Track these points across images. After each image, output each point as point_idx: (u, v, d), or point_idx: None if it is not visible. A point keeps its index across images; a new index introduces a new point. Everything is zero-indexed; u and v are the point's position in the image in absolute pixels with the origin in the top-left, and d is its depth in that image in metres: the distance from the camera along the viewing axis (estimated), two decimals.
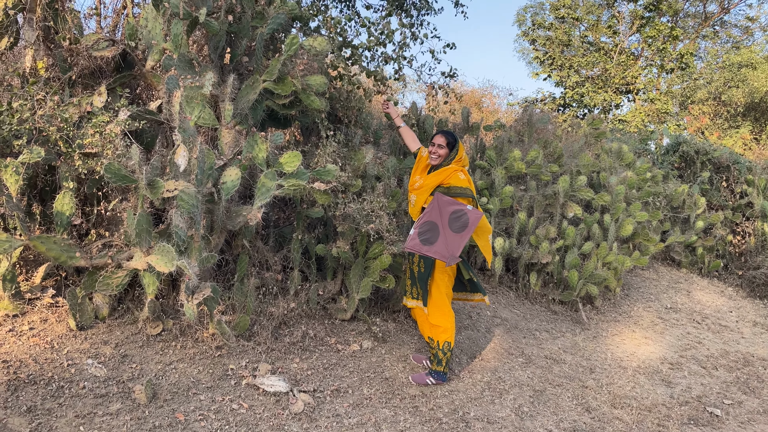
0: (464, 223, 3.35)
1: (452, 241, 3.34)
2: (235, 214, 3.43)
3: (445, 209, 3.38)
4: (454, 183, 3.55)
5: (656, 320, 5.80)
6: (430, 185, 3.63)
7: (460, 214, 3.35)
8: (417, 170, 3.92)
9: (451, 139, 3.69)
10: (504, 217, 5.82)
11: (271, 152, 3.50)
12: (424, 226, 3.39)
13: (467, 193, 3.53)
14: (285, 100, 3.72)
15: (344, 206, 3.96)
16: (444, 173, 3.61)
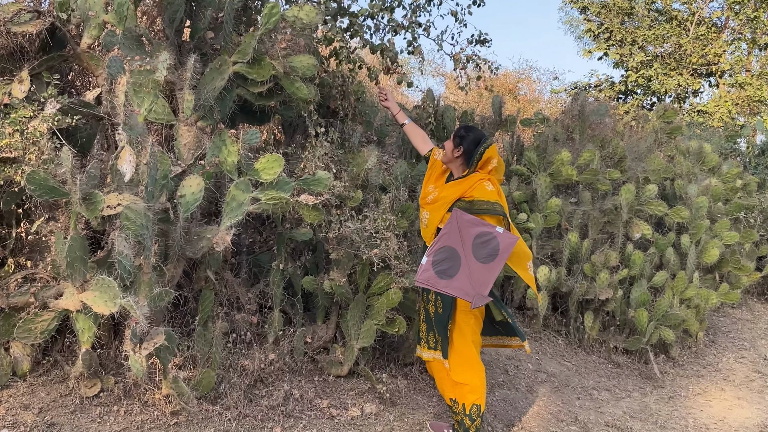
0: (493, 251, 3.33)
1: (478, 274, 3.32)
2: (196, 238, 3.42)
3: (468, 231, 3.37)
4: (479, 196, 3.55)
5: (752, 375, 5.74)
6: (447, 199, 3.63)
7: (487, 238, 3.34)
8: (430, 178, 3.92)
9: (461, 132, 3.71)
10: (549, 239, 5.81)
11: (244, 156, 3.51)
12: (441, 253, 3.37)
13: (496, 210, 3.52)
14: (262, 88, 3.74)
15: (340, 226, 3.96)
16: (465, 183, 3.61)
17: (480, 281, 3.31)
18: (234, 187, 3.36)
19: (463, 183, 3.64)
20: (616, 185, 6.21)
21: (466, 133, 3.71)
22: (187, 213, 3.25)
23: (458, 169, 3.78)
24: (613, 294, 5.50)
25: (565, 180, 5.75)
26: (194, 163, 3.54)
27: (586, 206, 5.82)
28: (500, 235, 3.35)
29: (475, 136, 3.71)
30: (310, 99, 3.91)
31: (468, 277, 3.32)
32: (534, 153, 5.84)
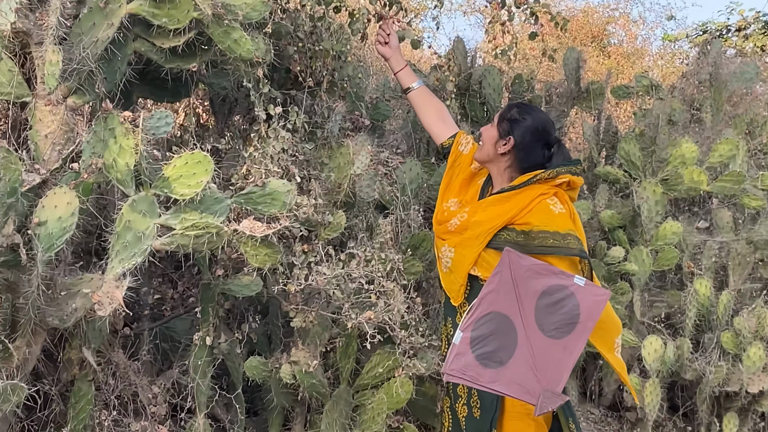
0: (570, 317, 3.32)
1: (546, 357, 3.31)
2: (65, 294, 3.42)
3: (528, 285, 3.36)
4: (540, 223, 3.56)
5: None
6: (485, 226, 3.64)
7: (560, 297, 3.34)
8: (451, 187, 3.94)
9: (512, 114, 3.72)
10: (662, 291, 5.80)
11: (147, 154, 3.51)
12: (485, 324, 3.36)
13: (570, 247, 3.52)
14: (176, 41, 3.75)
15: (308, 272, 3.96)
16: (517, 201, 3.62)
17: (550, 369, 3.30)
18: (129, 207, 3.35)
19: (512, 200, 3.65)
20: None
21: (520, 116, 3.73)
22: (50, 252, 3.23)
23: (502, 175, 3.79)
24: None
25: (688, 191, 5.75)
26: (62, 167, 3.53)
27: (724, 235, 5.82)
28: (581, 290, 3.34)
29: (537, 120, 3.72)
30: (257, 59, 3.91)
31: (529, 364, 3.31)
32: (635, 145, 5.86)
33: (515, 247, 3.50)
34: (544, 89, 6.28)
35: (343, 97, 4.84)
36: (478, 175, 3.97)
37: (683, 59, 16.52)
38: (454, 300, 3.76)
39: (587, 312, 3.32)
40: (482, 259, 3.63)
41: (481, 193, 3.85)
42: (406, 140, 5.53)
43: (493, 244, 3.60)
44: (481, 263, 3.64)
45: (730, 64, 6.56)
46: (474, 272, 3.65)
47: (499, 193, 3.72)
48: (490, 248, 3.61)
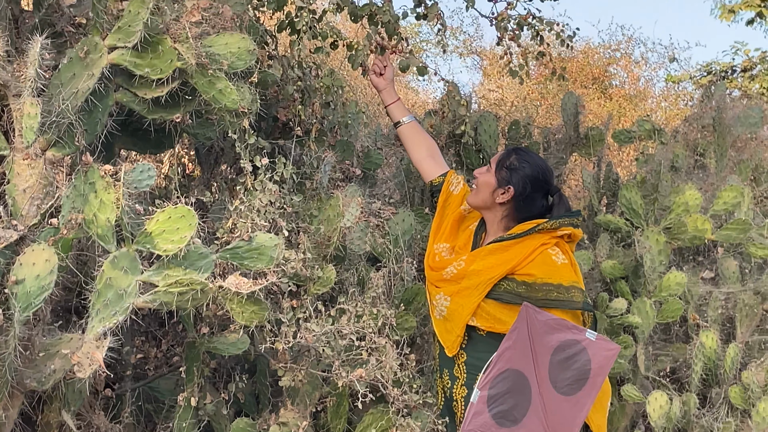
0: (580, 373, 3.34)
1: (558, 413, 3.32)
2: (44, 355, 3.41)
3: (544, 341, 3.38)
4: (542, 275, 3.57)
5: None
6: (483, 276, 3.65)
7: (572, 352, 3.36)
8: (442, 229, 3.96)
9: (512, 161, 3.73)
10: (667, 344, 5.79)
11: (129, 209, 3.51)
12: (502, 381, 3.38)
13: (574, 301, 3.53)
14: (159, 91, 3.77)
15: (296, 329, 3.96)
16: (517, 250, 3.63)
17: (560, 426, 3.31)
18: (110, 264, 3.36)
19: (512, 249, 3.66)
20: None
21: (520, 164, 3.74)
22: (28, 312, 3.23)
23: (498, 223, 3.81)
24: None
25: (692, 240, 5.76)
26: (41, 222, 3.54)
27: (730, 285, 5.82)
28: (593, 345, 3.36)
29: (537, 169, 3.74)
30: (243, 109, 3.94)
31: (541, 421, 3.33)
32: (637, 192, 5.88)
33: (516, 299, 3.52)
34: (542, 135, 6.30)
35: (333, 146, 4.86)
36: (469, 219, 3.98)
37: (687, 101, 16.61)
38: (449, 351, 3.76)
39: (598, 367, 3.35)
40: (481, 309, 3.63)
41: (474, 240, 3.86)
42: (399, 189, 5.54)
43: (493, 294, 3.61)
44: (479, 313, 3.64)
45: (734, 107, 6.58)
46: (472, 323, 3.65)
47: (498, 242, 3.72)
48: (490, 298, 3.61)
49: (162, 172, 5.21)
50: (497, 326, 3.60)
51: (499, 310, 3.61)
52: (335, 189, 4.52)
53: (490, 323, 3.61)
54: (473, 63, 18.55)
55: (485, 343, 3.66)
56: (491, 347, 3.60)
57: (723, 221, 5.88)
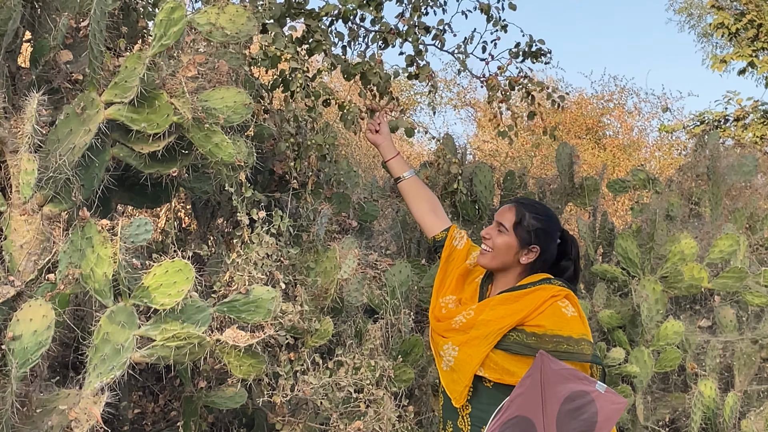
0: (587, 425, 3.33)
1: None
2: (41, 411, 3.39)
3: (555, 390, 3.36)
4: (553, 326, 3.55)
5: None
6: (492, 326, 3.62)
7: (582, 403, 3.35)
8: (447, 282, 3.93)
9: (537, 220, 3.73)
10: (665, 393, 5.78)
11: (126, 263, 3.51)
12: (509, 427, 3.36)
13: (584, 353, 3.51)
14: (156, 146, 3.78)
15: (294, 382, 3.95)
16: (527, 302, 3.62)
17: None
18: (107, 319, 3.35)
19: (522, 300, 3.63)
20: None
21: (537, 220, 3.73)
22: (25, 368, 3.22)
23: (509, 275, 3.79)
24: None
25: (688, 288, 5.76)
26: (38, 278, 3.54)
27: (727, 334, 5.82)
28: (601, 397, 3.35)
29: (549, 219, 3.74)
30: (239, 162, 3.95)
31: None
32: (632, 242, 5.89)
33: (525, 350, 3.50)
34: (537, 186, 6.32)
35: (329, 198, 4.87)
36: (474, 272, 3.96)
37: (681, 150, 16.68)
38: (456, 401, 3.73)
39: (604, 419, 3.33)
40: (489, 360, 3.60)
41: (481, 292, 3.84)
42: (396, 241, 5.55)
43: (502, 345, 3.58)
44: (488, 364, 3.61)
45: (728, 156, 6.61)
46: (480, 373, 3.63)
47: (508, 292, 3.71)
48: (499, 349, 3.59)
49: (159, 226, 5.21)
50: (505, 377, 3.58)
51: (508, 361, 3.59)
52: (332, 241, 4.52)
53: (499, 374, 3.59)
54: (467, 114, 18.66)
55: (491, 396, 3.64)
56: (497, 399, 3.58)
57: (719, 269, 5.88)
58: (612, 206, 10.75)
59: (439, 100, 17.46)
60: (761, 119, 18.21)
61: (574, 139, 15.35)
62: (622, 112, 18.09)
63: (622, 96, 19.35)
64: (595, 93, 18.45)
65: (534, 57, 5.89)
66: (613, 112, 17.91)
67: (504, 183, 6.04)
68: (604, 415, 3.32)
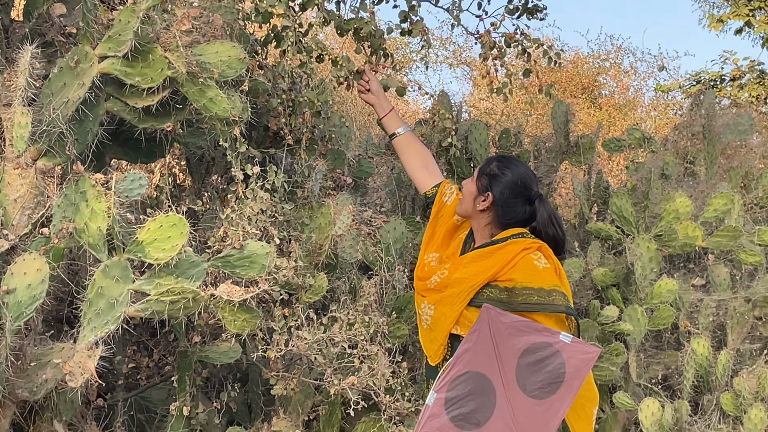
0: (554, 376, 3.32)
1: (528, 418, 3.30)
2: (35, 365, 3.40)
3: (509, 343, 3.35)
4: (524, 279, 3.56)
5: None
6: (466, 283, 3.63)
7: (544, 355, 3.33)
8: (434, 239, 3.94)
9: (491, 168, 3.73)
10: (658, 352, 5.79)
11: (120, 218, 3.51)
12: (461, 384, 3.35)
13: (555, 304, 3.52)
14: (150, 101, 3.76)
15: (288, 337, 3.96)
16: (499, 256, 3.62)
17: (531, 430, 3.29)
18: (101, 273, 3.35)
19: (494, 255, 3.64)
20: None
21: (500, 170, 3.73)
22: (19, 322, 3.22)
23: (483, 230, 3.79)
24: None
25: (683, 247, 5.77)
26: (32, 232, 3.53)
27: (721, 292, 5.83)
28: (567, 348, 3.33)
29: (517, 175, 3.73)
30: (233, 117, 3.93)
31: (509, 426, 3.30)
32: (627, 200, 5.88)
33: (498, 305, 3.49)
34: (533, 144, 6.30)
35: (323, 154, 4.86)
36: (461, 228, 3.96)
37: (677, 110, 16.66)
38: (432, 360, 3.74)
39: (574, 370, 3.30)
40: (464, 318, 3.61)
41: (463, 248, 3.84)
42: (391, 198, 5.54)
43: (476, 301, 3.58)
44: (462, 322, 3.61)
45: (724, 115, 6.59)
46: (455, 331, 3.63)
47: (481, 248, 3.71)
48: (473, 306, 3.59)
49: (153, 183, 5.20)
50: None
51: None
52: (326, 197, 4.52)
53: None
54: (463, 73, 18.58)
55: None
56: None
57: (713, 228, 5.88)
58: (607, 166, 10.75)
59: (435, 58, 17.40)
60: (757, 79, 18.15)
61: (570, 98, 15.31)
62: (618, 72, 18.04)
63: (619, 55, 19.30)
64: (591, 52, 18.41)
65: (529, 13, 5.86)
66: (609, 72, 17.86)
67: (499, 141, 6.01)
68: (573, 366, 3.29)
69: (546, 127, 9.28)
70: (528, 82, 15.76)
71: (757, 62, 18.37)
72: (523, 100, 15.43)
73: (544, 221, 3.74)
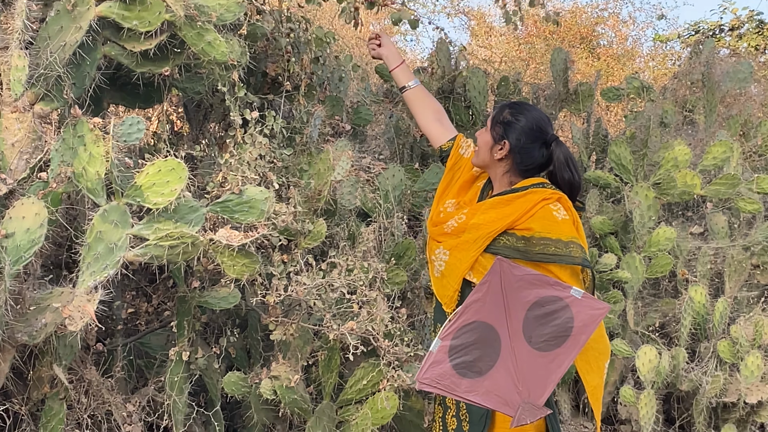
0: (561, 329, 3.31)
1: (531, 368, 3.30)
2: (34, 309, 3.40)
3: (518, 296, 3.34)
4: (542, 229, 3.53)
5: None
6: (483, 230, 3.61)
7: (552, 308, 3.32)
8: (450, 188, 3.91)
9: (506, 116, 3.70)
10: (656, 299, 5.80)
11: (118, 163, 3.50)
12: (466, 332, 3.34)
13: (572, 256, 3.50)
14: (148, 44, 3.74)
15: (287, 283, 3.96)
16: (518, 205, 3.60)
17: (533, 382, 3.29)
18: (100, 218, 3.35)
19: (513, 203, 3.61)
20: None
21: (513, 117, 3.69)
22: (18, 266, 3.22)
23: (501, 179, 3.76)
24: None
25: (681, 195, 5.77)
26: (30, 176, 3.52)
27: (719, 240, 5.83)
28: (577, 303, 3.32)
29: (531, 120, 3.69)
30: (232, 61, 3.91)
31: (511, 375, 3.30)
32: (626, 148, 5.87)
33: (515, 253, 3.48)
34: (531, 92, 6.29)
35: (323, 101, 4.84)
36: (479, 178, 3.93)
37: (675, 60, 16.59)
38: (447, 306, 3.71)
39: (582, 325, 3.29)
40: (479, 264, 3.58)
41: (481, 195, 3.80)
42: (389, 146, 5.53)
43: (492, 248, 3.56)
44: (477, 268, 3.59)
45: (723, 63, 6.57)
46: (469, 277, 3.61)
47: (500, 195, 3.69)
48: (488, 253, 3.58)
49: (151, 130, 5.18)
50: None
51: None
52: (325, 144, 4.51)
53: None
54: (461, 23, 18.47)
55: None
56: None
57: (712, 176, 5.89)
58: (606, 116, 10.70)
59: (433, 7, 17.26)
60: (756, 29, 18.08)
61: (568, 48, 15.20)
62: (617, 21, 17.95)
63: (617, 5, 19.22)
64: (589, 2, 18.28)
65: None
66: (607, 21, 17.77)
67: (498, 88, 6.00)
68: (581, 321, 3.29)
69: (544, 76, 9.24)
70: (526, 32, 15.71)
71: (756, 12, 18.33)
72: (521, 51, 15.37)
73: (560, 164, 3.70)
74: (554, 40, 15.00)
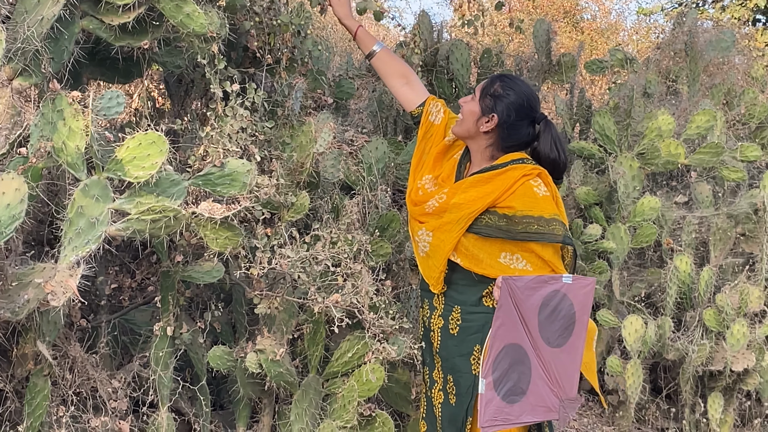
0: (567, 319, 3.40)
1: (557, 367, 3.41)
2: (16, 285, 3.39)
3: (528, 304, 3.39)
4: (523, 207, 3.52)
5: None
6: (464, 210, 3.60)
7: (555, 302, 3.39)
8: (425, 161, 3.90)
9: (496, 88, 3.69)
10: (642, 269, 5.81)
11: (98, 137, 3.48)
12: (502, 360, 3.40)
13: (555, 233, 3.50)
14: (126, 17, 3.72)
15: (271, 256, 3.95)
16: (499, 182, 3.59)
17: (562, 377, 3.39)
18: (81, 192, 3.33)
19: (494, 181, 3.61)
20: (755, 171, 6.24)
21: (504, 91, 3.66)
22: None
23: (483, 152, 3.75)
24: (756, 361, 5.52)
25: (665, 164, 5.77)
26: (9, 152, 3.51)
27: (703, 209, 5.84)
28: (571, 288, 3.40)
29: (522, 96, 3.67)
30: (211, 34, 3.89)
31: (545, 381, 3.39)
32: (610, 119, 5.88)
33: (497, 232, 3.50)
34: (515, 63, 6.28)
35: (304, 74, 4.82)
36: (453, 147, 3.91)
37: (659, 33, 16.59)
38: (434, 288, 3.72)
39: (581, 307, 3.40)
40: (461, 245, 3.58)
41: (458, 170, 3.80)
42: (372, 120, 5.52)
43: (474, 228, 3.56)
44: (460, 249, 3.59)
45: (705, 34, 6.58)
46: (453, 258, 3.61)
47: (480, 173, 3.67)
48: (470, 233, 3.58)
49: (132, 107, 5.16)
50: (474, 266, 3.57)
51: (477, 247, 3.57)
52: (307, 117, 4.49)
53: (468, 262, 3.58)
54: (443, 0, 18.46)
55: (466, 276, 3.64)
56: (471, 281, 3.60)
57: (696, 145, 5.90)
58: (590, 89, 10.70)
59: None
60: (739, 1, 18.11)
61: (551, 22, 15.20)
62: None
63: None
64: None
65: None
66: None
67: (481, 61, 5.99)
68: (579, 303, 3.39)
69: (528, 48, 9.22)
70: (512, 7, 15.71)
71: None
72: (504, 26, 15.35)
73: (547, 144, 3.69)
74: (537, 14, 14.98)
